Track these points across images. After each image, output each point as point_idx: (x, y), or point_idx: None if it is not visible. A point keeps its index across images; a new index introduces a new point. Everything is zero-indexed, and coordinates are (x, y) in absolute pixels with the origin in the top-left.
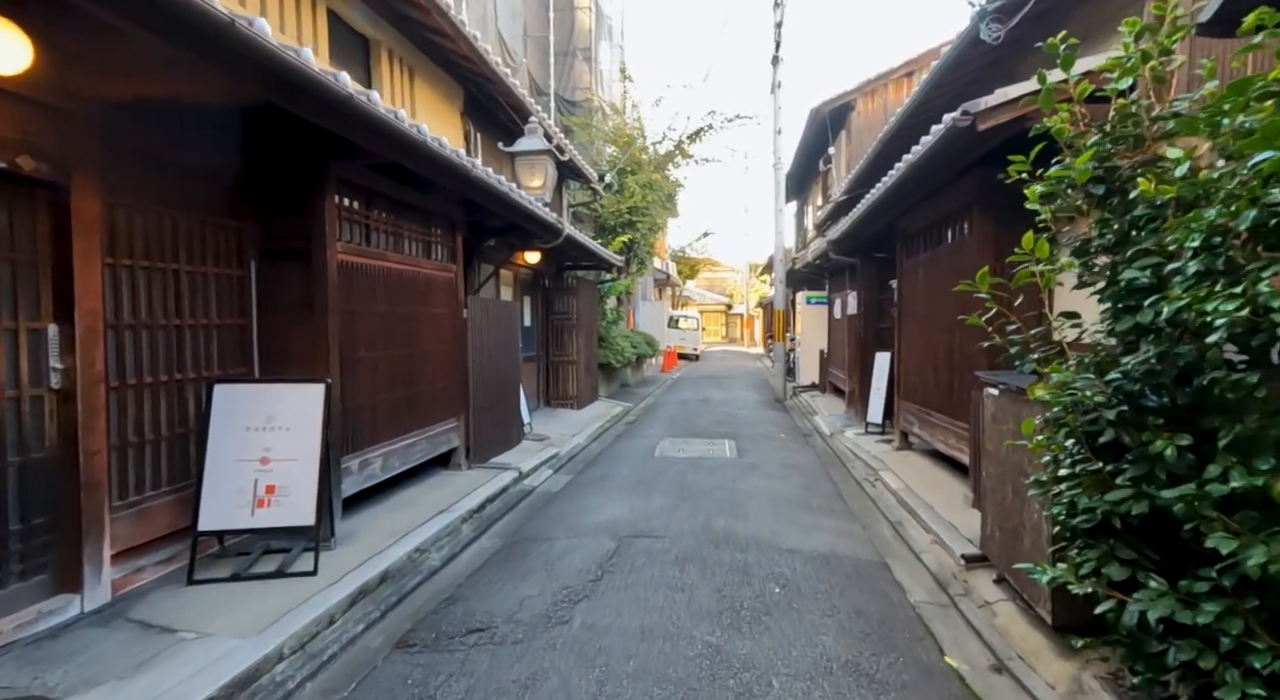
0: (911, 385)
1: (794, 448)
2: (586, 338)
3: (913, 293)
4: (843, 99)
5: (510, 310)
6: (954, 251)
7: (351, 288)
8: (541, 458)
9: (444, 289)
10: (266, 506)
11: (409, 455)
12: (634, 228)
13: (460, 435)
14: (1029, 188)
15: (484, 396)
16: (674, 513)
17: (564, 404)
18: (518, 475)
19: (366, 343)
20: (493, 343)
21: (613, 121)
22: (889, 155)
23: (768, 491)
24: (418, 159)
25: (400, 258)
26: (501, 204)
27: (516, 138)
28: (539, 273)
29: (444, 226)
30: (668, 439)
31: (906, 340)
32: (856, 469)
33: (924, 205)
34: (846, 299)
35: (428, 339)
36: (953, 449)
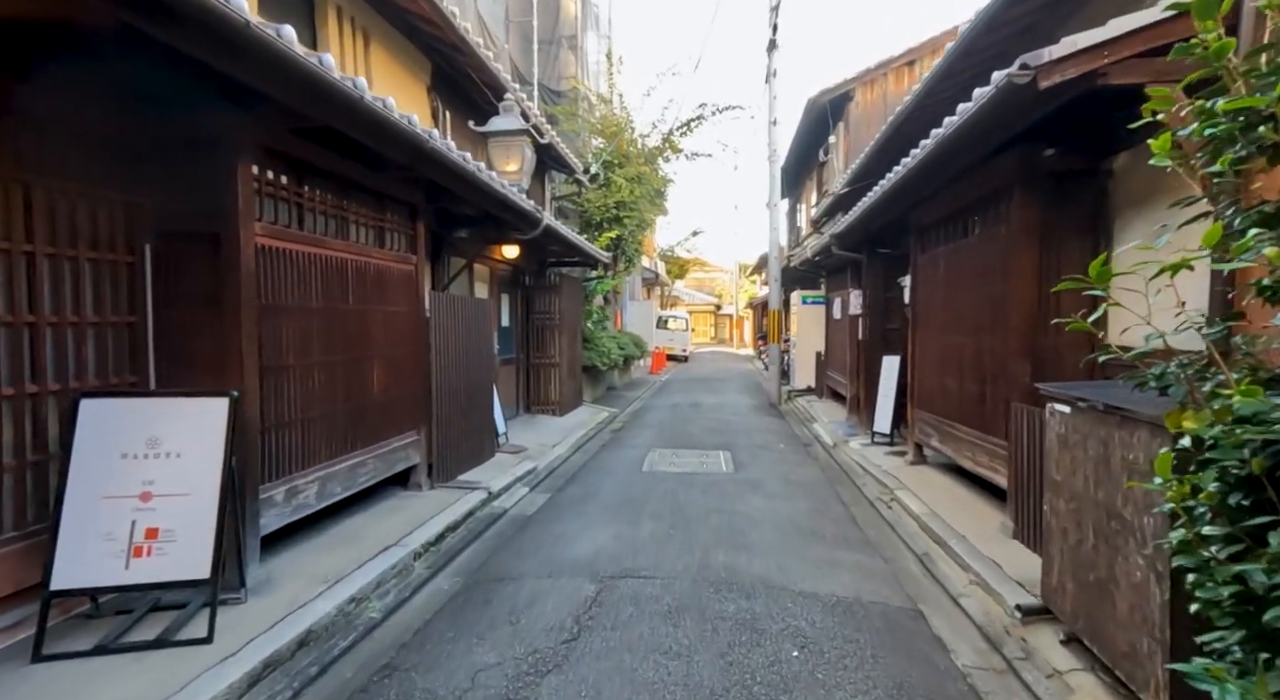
0: (929, 393)
1: (795, 460)
2: (570, 339)
3: (930, 290)
4: (841, 89)
5: (483, 308)
6: (985, 243)
7: (276, 279)
8: (516, 474)
9: (401, 283)
10: (146, 556)
11: (354, 478)
12: (621, 224)
13: (421, 450)
14: (1158, 139)
15: (450, 405)
16: (666, 544)
17: (545, 410)
18: (487, 496)
19: (298, 346)
20: (462, 344)
21: (600, 111)
22: (900, 140)
23: (771, 515)
24: (355, 120)
25: (344, 245)
26: (467, 186)
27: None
28: (519, 269)
29: (401, 212)
30: (657, 450)
31: (922, 343)
32: (868, 487)
33: (946, 192)
34: (848, 298)
35: (380, 341)
36: (982, 467)
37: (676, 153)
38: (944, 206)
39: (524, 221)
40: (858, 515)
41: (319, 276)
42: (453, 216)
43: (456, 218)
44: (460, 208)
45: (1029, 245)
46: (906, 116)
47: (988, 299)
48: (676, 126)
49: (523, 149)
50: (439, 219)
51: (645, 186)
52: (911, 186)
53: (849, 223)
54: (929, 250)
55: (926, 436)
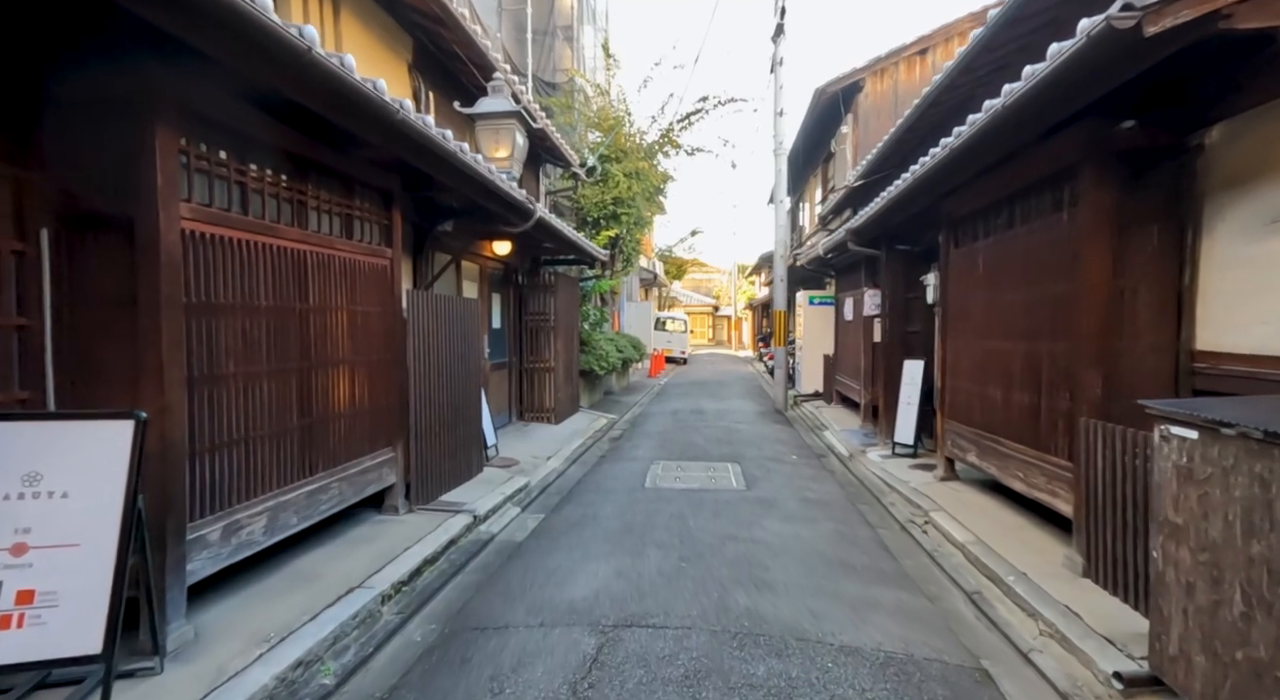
0: (964, 403)
1: (810, 474)
2: (566, 341)
3: (965, 289)
4: (850, 79)
5: (470, 309)
6: (1040, 233)
7: (212, 272)
8: (506, 492)
9: (373, 280)
10: (17, 627)
11: (313, 506)
12: (619, 222)
13: (397, 469)
14: None
15: (432, 418)
16: (676, 582)
17: (540, 418)
18: (472, 520)
19: (240, 352)
20: (446, 349)
21: (597, 104)
22: (923, 128)
23: (793, 542)
24: (305, 82)
25: (302, 234)
26: (448, 168)
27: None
28: (511, 267)
29: (374, 199)
30: (660, 462)
31: (956, 347)
32: (896, 507)
33: (990, 177)
34: (861, 298)
35: (348, 345)
36: (1038, 490)
37: (676, 149)
38: (986, 194)
39: (514, 213)
40: (889, 542)
41: (269, 270)
42: (436, 207)
43: (440, 209)
44: (444, 198)
45: (1101, 234)
46: (932, 101)
47: (1045, 298)
48: (677, 120)
49: (513, 134)
50: (420, 210)
51: (644, 183)
52: (947, 173)
53: (868, 216)
54: (964, 244)
55: (961, 451)
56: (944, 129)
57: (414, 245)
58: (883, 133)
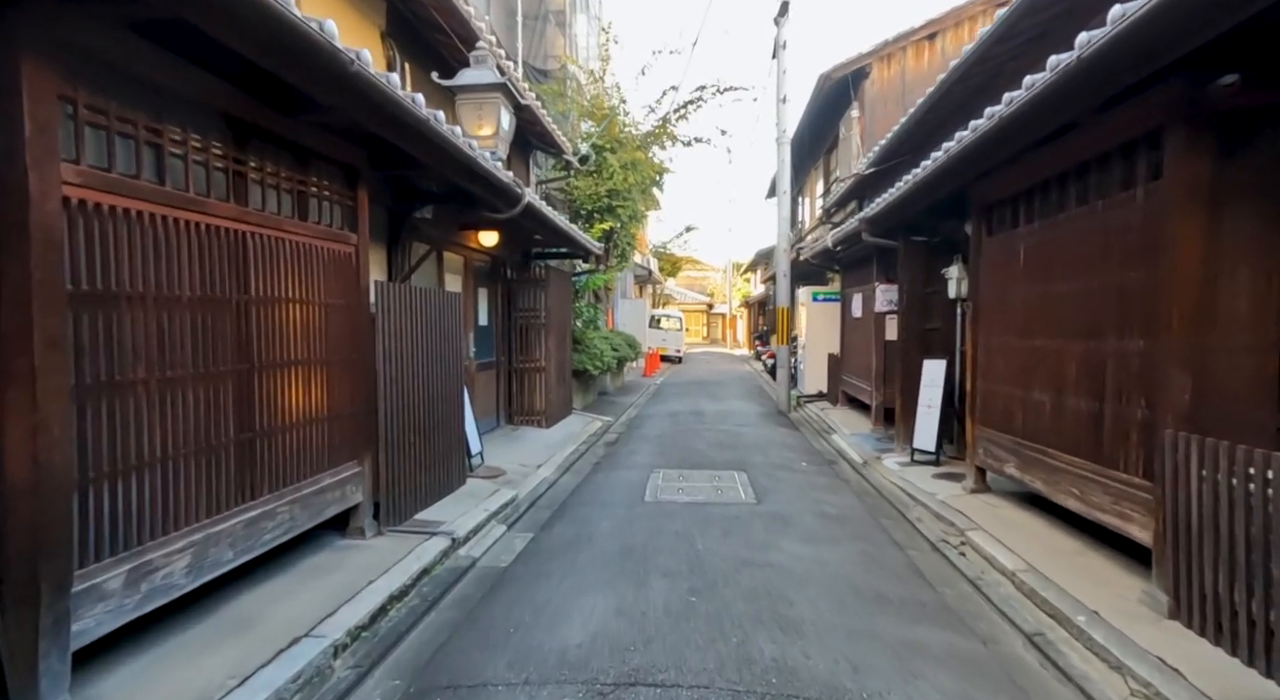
0: (1001, 408)
1: (824, 484)
2: (558, 340)
3: (1002, 281)
4: (856, 64)
5: (451, 303)
6: (1106, 214)
7: (109, 254)
8: (490, 508)
9: (334, 268)
10: None
11: (254, 536)
12: (614, 214)
13: (364, 486)
14: None
15: (406, 426)
16: (687, 621)
17: (530, 421)
18: (450, 543)
19: (154, 354)
20: (423, 348)
21: (591, 92)
22: (951, 106)
23: (816, 569)
24: (235, 19)
25: (238, 212)
26: (419, 139)
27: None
28: (499, 260)
29: (334, 176)
30: (661, 471)
31: (989, 346)
32: (924, 523)
33: (1038, 153)
34: (871, 294)
35: (301, 345)
36: (1100, 511)
37: (673, 141)
38: (1028, 174)
39: (500, 197)
40: (923, 566)
41: (196, 253)
42: (413, 191)
43: (418, 193)
44: (422, 179)
45: (1191, 212)
46: (960, 76)
47: (1110, 289)
48: (674, 109)
49: (498, 109)
50: (395, 193)
51: (640, 174)
52: (984, 152)
53: (885, 204)
54: (1000, 232)
55: (996, 461)
56: (969, 109)
57: (388, 233)
58: (890, 121)
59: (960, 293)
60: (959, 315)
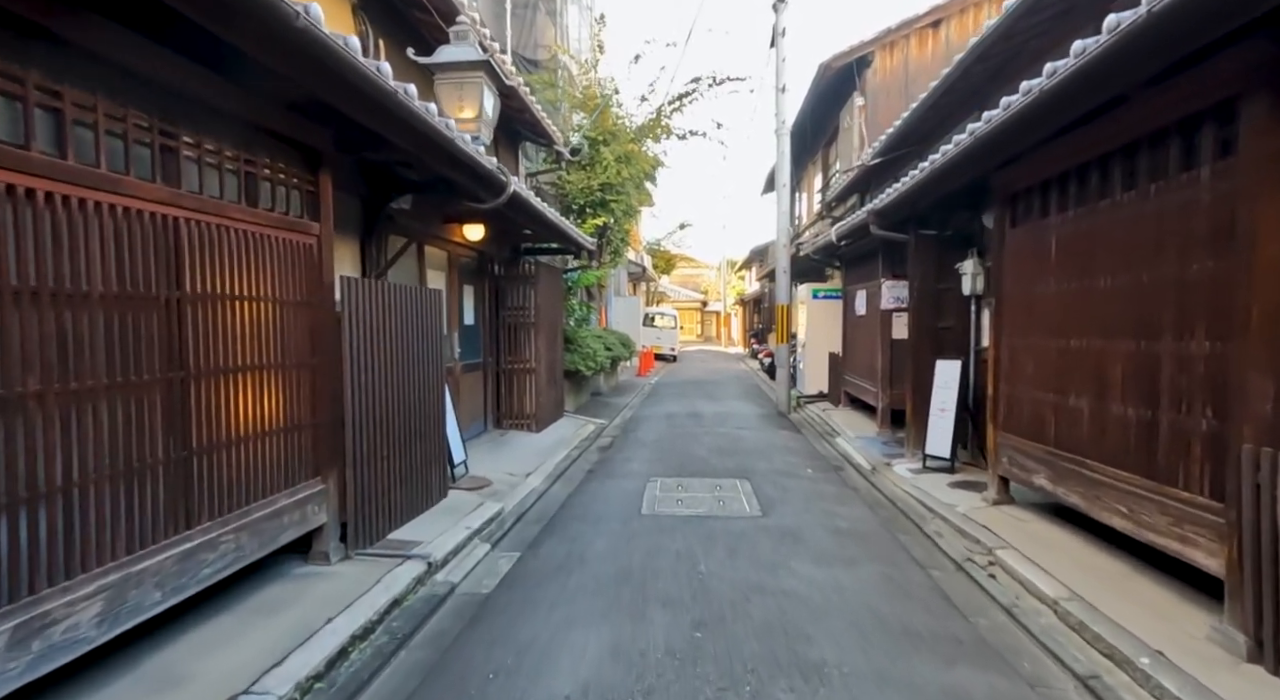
0: (1030, 414)
1: (833, 493)
2: (549, 339)
3: (1031, 275)
4: (857, 53)
5: (431, 301)
6: (1164, 197)
7: None
8: (473, 524)
9: (293, 262)
10: None
11: (189, 571)
12: (608, 209)
13: (329, 506)
14: None
15: (378, 436)
16: (693, 664)
17: (520, 425)
18: (426, 567)
19: (54, 361)
20: (399, 350)
21: (583, 81)
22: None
23: (834, 596)
24: None
25: (169, 194)
26: (388, 116)
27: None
28: (486, 256)
29: (291, 157)
30: (658, 479)
31: (1015, 346)
32: (945, 538)
33: (1067, 137)
34: (877, 290)
35: (251, 348)
36: (1155, 533)
37: (668, 134)
38: (1063, 158)
39: (483, 186)
40: (950, 590)
41: (109, 241)
42: (390, 178)
43: (396, 180)
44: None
45: (1275, 192)
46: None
47: (1166, 283)
48: (668, 101)
49: (480, 90)
50: (370, 181)
51: (634, 167)
52: (1015, 133)
53: (896, 195)
54: (1027, 222)
55: (1024, 471)
56: (984, 96)
57: (362, 225)
58: (893, 112)
59: (975, 289)
60: (973, 313)
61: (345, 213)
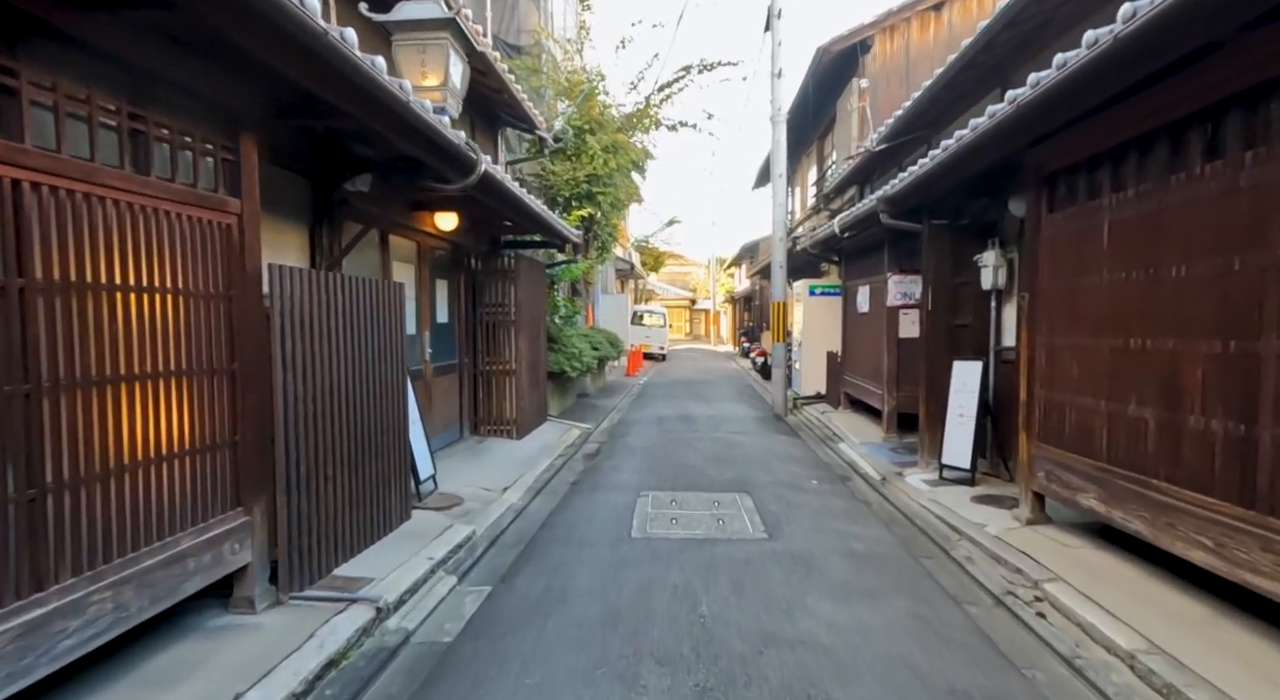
0: (1074, 424)
1: (843, 509)
2: (531, 339)
3: (1075, 266)
4: (856, 36)
5: (391, 295)
6: (1263, 167)
7: None
8: (437, 554)
9: (202, 245)
10: None
11: (31, 650)
12: (594, 201)
13: (255, 541)
14: None
15: (321, 455)
16: None
17: (499, 431)
18: (375, 613)
19: None
20: (348, 352)
21: (568, 67)
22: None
23: (861, 645)
24: None
25: (1, 149)
26: (318, 65)
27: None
28: (462, 248)
29: (198, 116)
30: (650, 493)
31: (1052, 347)
32: (977, 565)
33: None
34: (882, 286)
35: (136, 351)
36: (1257, 573)
37: (656, 125)
38: (1119, 129)
39: (449, 163)
40: (995, 634)
41: None
42: (343, 155)
43: (350, 158)
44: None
45: None
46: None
47: (1271, 270)
48: (657, 88)
49: (446, 54)
50: (320, 158)
51: (622, 157)
52: (1065, 97)
53: (910, 180)
54: (1070, 206)
55: (1067, 488)
56: (1006, 72)
57: (313, 209)
58: (893, 99)
59: (997, 283)
60: (993, 309)
61: (289, 194)
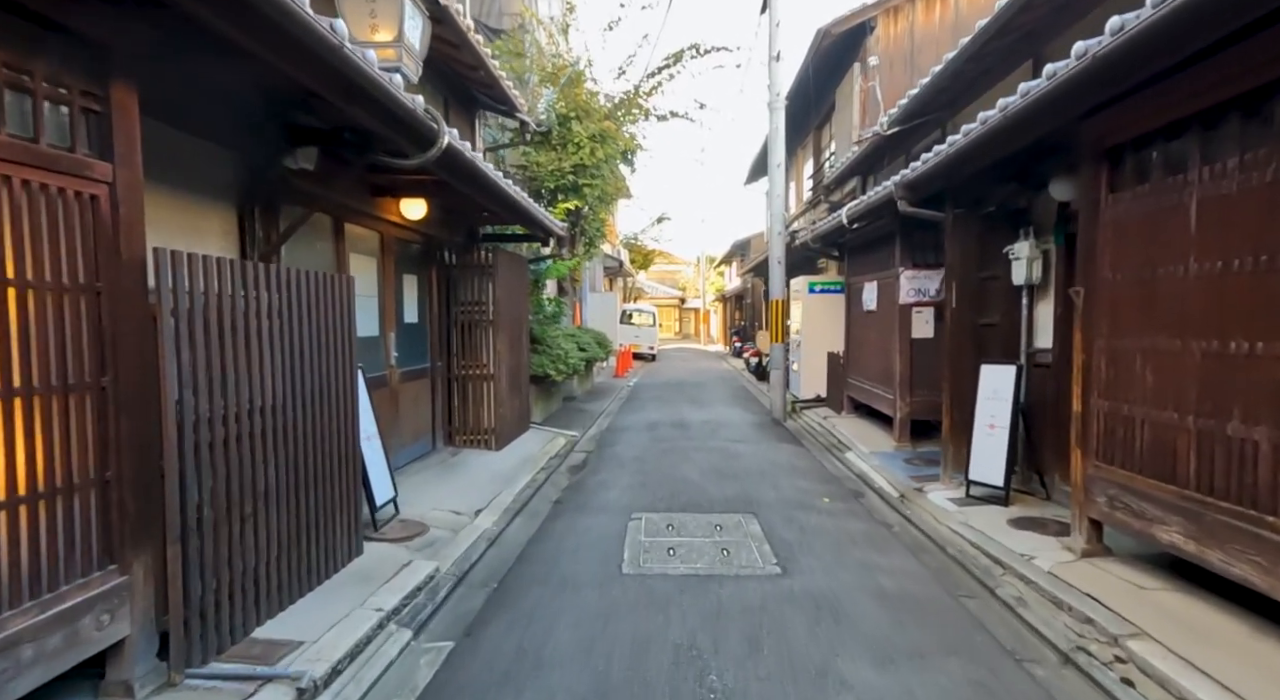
0: (1148, 442)
1: (862, 533)
2: (511, 340)
3: (1144, 254)
4: (859, 18)
5: (339, 291)
6: None
7: None
8: (388, 602)
9: (48, 221)
10: None
11: None
12: (580, 194)
13: (135, 606)
14: None
15: (234, 490)
16: None
17: (476, 441)
18: (295, 696)
19: None
20: (278, 362)
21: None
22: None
23: None
24: None
25: None
26: None
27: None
28: (434, 240)
29: (42, 48)
30: (643, 516)
31: (1115, 349)
32: (1031, 608)
33: (1245, 44)
34: (893, 282)
35: None
36: None
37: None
38: (1217, 83)
39: (405, 134)
40: None
41: None
42: (282, 125)
43: (292, 130)
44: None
45: None
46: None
47: None
48: (647, 75)
49: (400, 5)
50: (251, 127)
51: (610, 147)
52: (1157, 45)
53: (937, 161)
54: (1141, 184)
55: (1138, 518)
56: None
57: (243, 189)
58: (898, 86)
59: (1031, 277)
60: (1025, 306)
61: (210, 170)
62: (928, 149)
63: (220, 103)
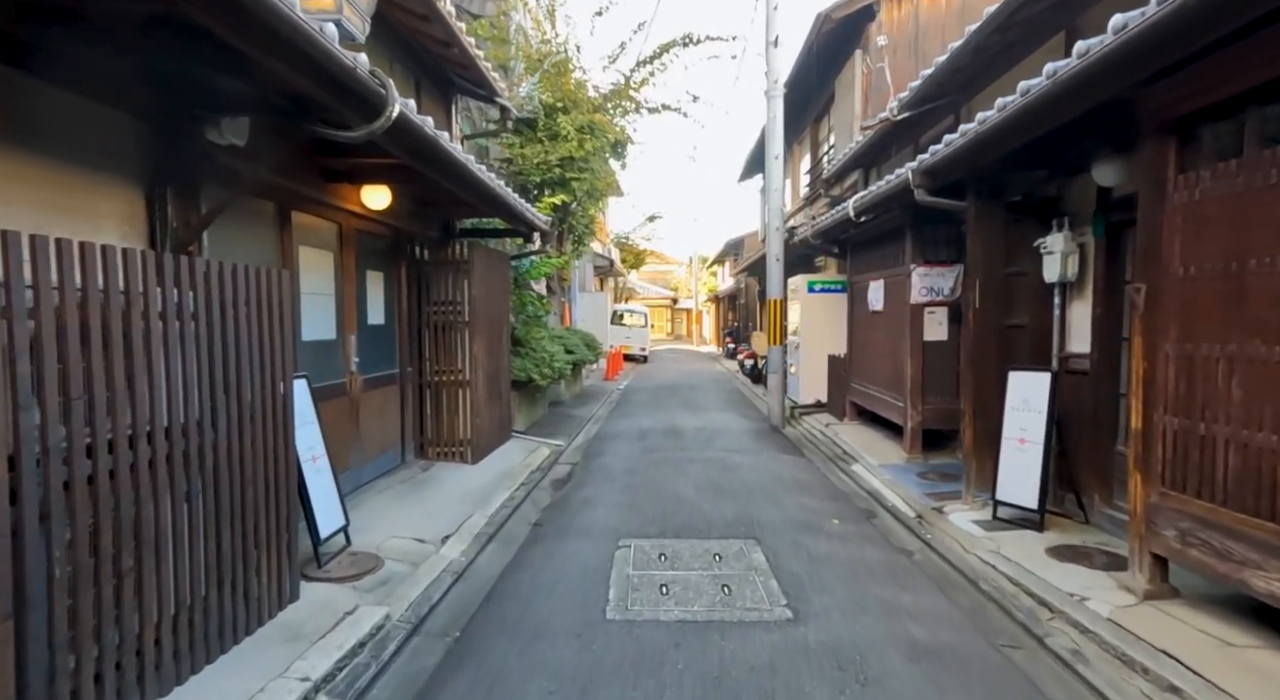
0: (1236, 468)
1: (880, 564)
2: (489, 343)
3: (1227, 242)
4: (859, 2)
5: (270, 287)
6: None
7: None
8: (320, 667)
9: None
10: None
11: None
12: (568, 188)
13: None
14: None
15: (110, 540)
16: None
17: (450, 454)
18: None
19: None
20: (185, 373)
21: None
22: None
23: None
24: None
25: None
26: None
27: None
28: (403, 234)
29: None
30: (631, 544)
31: (1188, 356)
32: (1095, 668)
33: None
34: (902, 280)
35: None
36: None
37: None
38: None
39: (346, 99)
40: None
41: None
42: (204, 88)
43: (217, 94)
44: (215, 72)
45: None
46: None
47: None
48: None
49: None
50: (156, 89)
51: (599, 139)
52: None
53: (959, 145)
54: (1223, 160)
55: (1224, 560)
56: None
57: (153, 165)
58: (901, 74)
59: (1066, 274)
60: (1057, 306)
61: (106, 141)
62: (937, 138)
63: (114, 56)
